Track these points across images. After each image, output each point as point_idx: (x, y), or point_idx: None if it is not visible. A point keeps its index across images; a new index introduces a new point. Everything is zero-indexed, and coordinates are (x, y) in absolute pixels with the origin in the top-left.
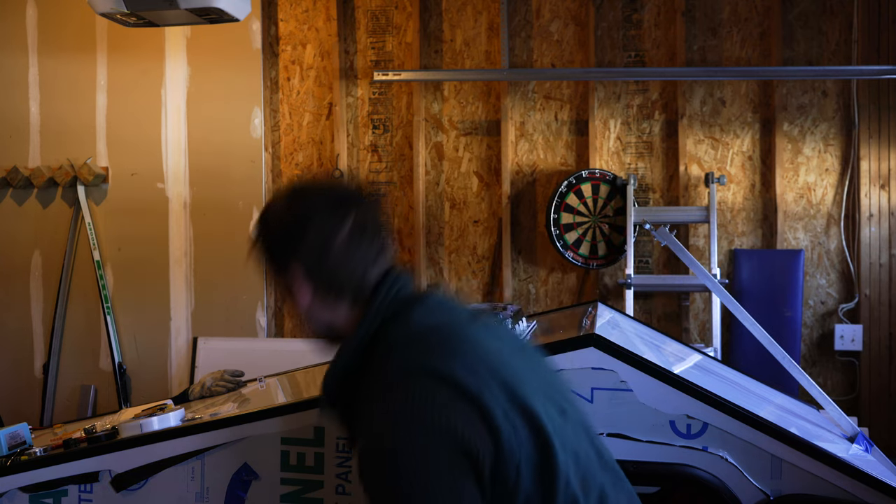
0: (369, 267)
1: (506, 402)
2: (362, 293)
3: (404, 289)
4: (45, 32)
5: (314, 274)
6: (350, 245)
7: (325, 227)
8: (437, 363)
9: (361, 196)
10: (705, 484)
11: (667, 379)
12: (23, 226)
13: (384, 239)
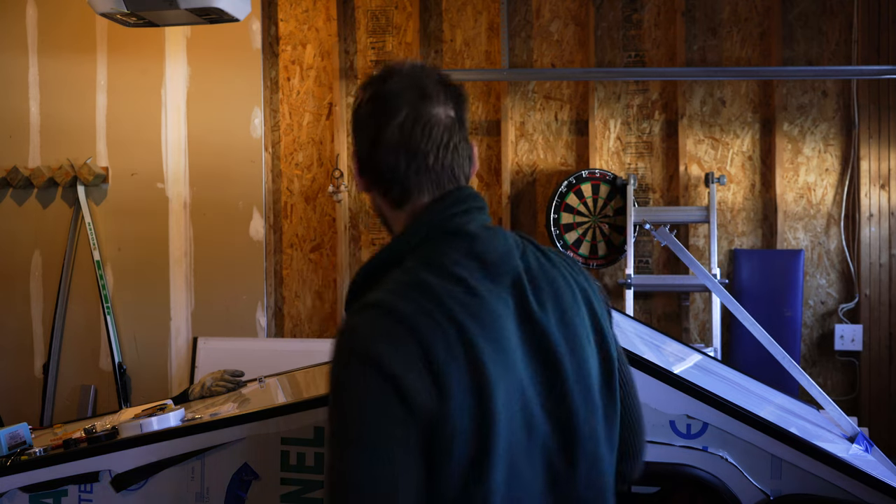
0: (426, 175)
1: (467, 380)
2: (413, 203)
3: (462, 219)
4: (45, 32)
5: (364, 165)
6: (401, 143)
7: (381, 117)
8: (405, 306)
9: (440, 88)
10: (705, 484)
11: (667, 379)
12: (23, 226)
13: (456, 147)
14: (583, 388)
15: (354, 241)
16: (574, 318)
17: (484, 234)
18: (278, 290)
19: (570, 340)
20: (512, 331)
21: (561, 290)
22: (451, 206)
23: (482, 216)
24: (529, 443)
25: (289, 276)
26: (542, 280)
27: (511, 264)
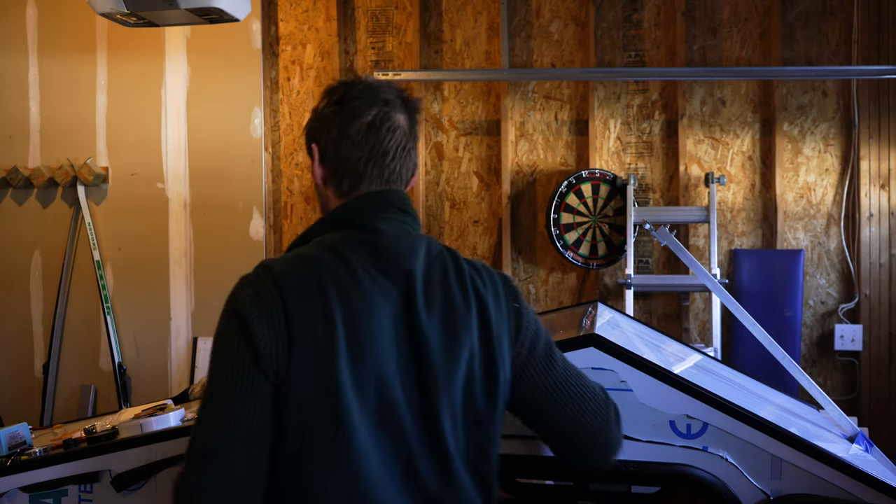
0: (378, 171)
1: (316, 352)
2: (355, 194)
3: (377, 215)
4: (45, 32)
5: (325, 157)
6: (367, 140)
7: (350, 115)
8: (283, 268)
9: (400, 98)
10: (705, 484)
11: (667, 379)
12: (23, 226)
13: (409, 152)
14: (449, 392)
15: None
16: (460, 330)
17: (391, 234)
18: None
19: (449, 347)
20: (387, 323)
21: (455, 301)
22: (372, 202)
23: (403, 218)
24: (382, 428)
25: None
26: (437, 288)
27: (408, 266)
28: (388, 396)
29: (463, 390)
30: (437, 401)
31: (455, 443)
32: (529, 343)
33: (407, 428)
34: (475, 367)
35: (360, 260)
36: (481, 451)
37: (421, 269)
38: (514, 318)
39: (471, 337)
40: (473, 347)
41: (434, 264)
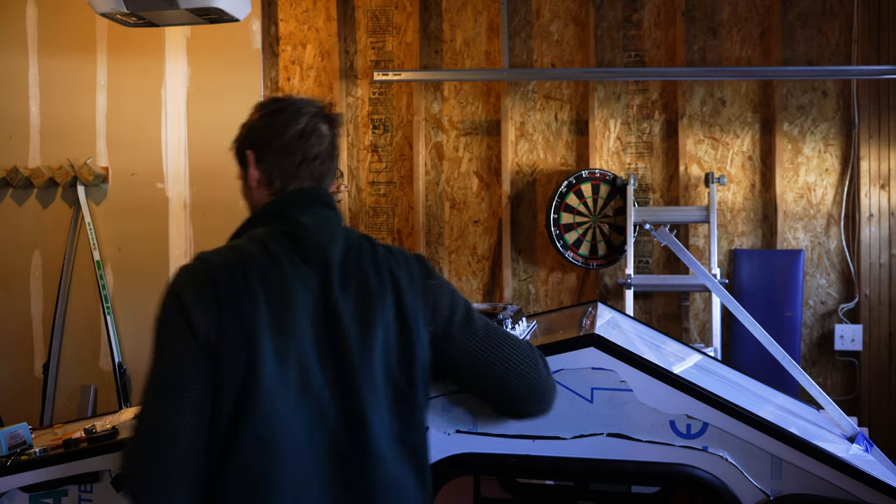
0: (307, 173)
1: (240, 333)
2: (283, 192)
3: (300, 210)
4: (45, 32)
5: (261, 160)
6: (298, 145)
7: (284, 124)
8: (215, 259)
9: (324, 113)
10: (705, 484)
11: (667, 379)
12: (23, 226)
13: (333, 159)
14: (367, 366)
15: None
16: (375, 309)
17: (312, 226)
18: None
19: (363, 325)
20: (306, 304)
21: (369, 283)
22: (298, 198)
23: (325, 212)
24: (302, 399)
25: None
26: (353, 272)
27: (326, 253)
28: (307, 371)
29: (382, 364)
30: (354, 375)
31: (377, 415)
32: (447, 314)
33: (325, 400)
34: (391, 342)
35: (284, 249)
36: (407, 422)
37: (338, 255)
38: (429, 294)
39: (385, 314)
40: (388, 324)
41: (351, 251)
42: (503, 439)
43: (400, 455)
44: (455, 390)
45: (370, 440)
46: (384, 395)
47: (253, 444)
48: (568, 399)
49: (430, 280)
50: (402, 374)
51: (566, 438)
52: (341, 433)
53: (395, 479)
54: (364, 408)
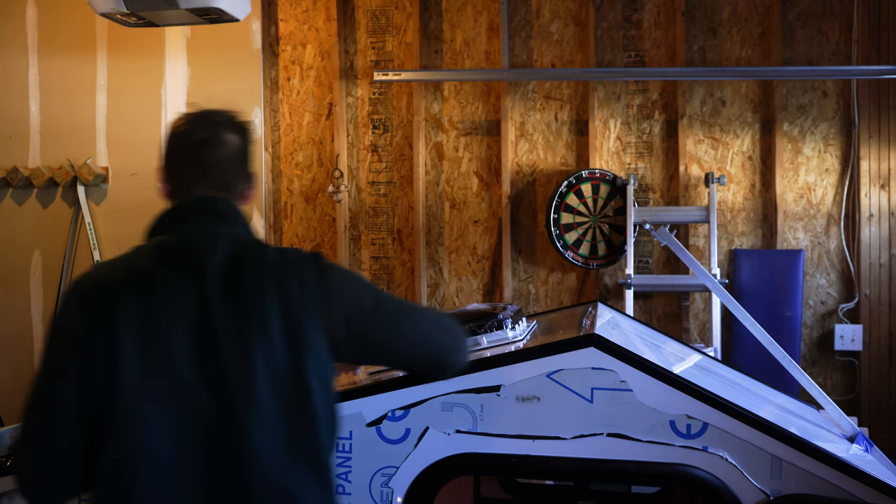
0: (202, 182)
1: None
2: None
3: (184, 221)
4: (45, 32)
5: (165, 174)
6: (193, 157)
7: (183, 138)
8: (99, 271)
9: (231, 121)
10: (705, 484)
11: (667, 379)
12: (23, 226)
13: (238, 166)
14: (249, 375)
15: (354, 241)
16: (256, 318)
17: (191, 236)
18: None
19: (243, 336)
20: (181, 316)
21: (251, 292)
22: (182, 209)
23: (212, 220)
24: (173, 414)
25: None
26: (234, 281)
27: (203, 263)
28: (180, 385)
29: (266, 373)
30: (231, 386)
31: (260, 425)
32: (351, 307)
33: (200, 413)
34: (277, 351)
35: (161, 261)
36: (303, 430)
37: (218, 265)
38: (323, 295)
39: (267, 322)
40: (272, 332)
41: (235, 260)
42: (503, 439)
43: (294, 465)
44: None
45: (251, 451)
46: (272, 404)
47: (115, 460)
48: (568, 399)
49: (325, 280)
50: (293, 381)
51: (566, 438)
52: (219, 446)
53: (286, 490)
54: (244, 418)
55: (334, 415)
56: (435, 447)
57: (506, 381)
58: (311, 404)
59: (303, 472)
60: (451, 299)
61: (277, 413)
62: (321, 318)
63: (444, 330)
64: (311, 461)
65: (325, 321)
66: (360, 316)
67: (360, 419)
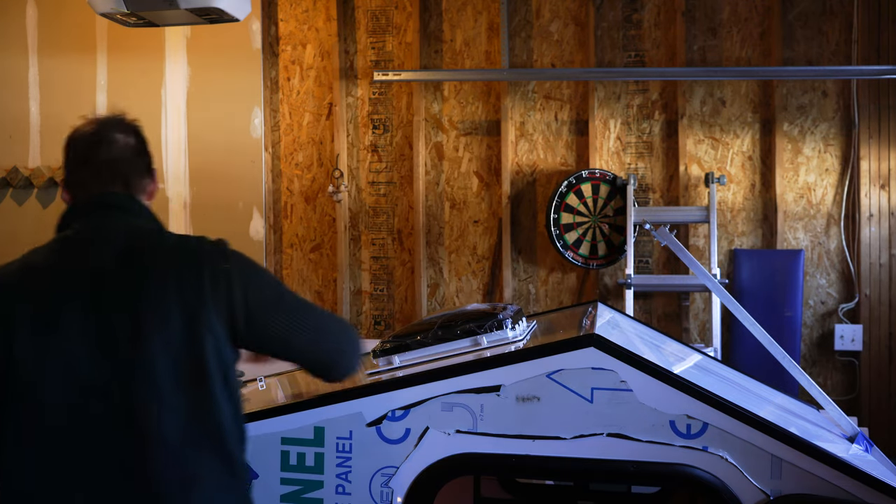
0: (96, 180)
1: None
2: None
3: (80, 217)
4: (45, 32)
5: (66, 180)
6: (84, 158)
7: (77, 142)
8: (2, 269)
9: (123, 124)
10: (705, 484)
11: (667, 379)
12: (23, 226)
13: (130, 162)
14: (147, 363)
15: (354, 241)
16: (151, 303)
17: (81, 231)
18: None
19: (139, 322)
20: (73, 310)
21: (147, 279)
22: (76, 208)
23: (105, 214)
24: (70, 403)
25: (289, 275)
26: (129, 271)
27: (97, 256)
28: (76, 375)
29: (164, 356)
30: (132, 375)
31: (159, 406)
32: (250, 295)
33: (97, 399)
34: (174, 334)
35: (58, 257)
36: (203, 410)
37: (115, 251)
38: (221, 279)
39: (164, 307)
40: (169, 316)
41: (132, 246)
42: (503, 439)
43: (195, 445)
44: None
45: (151, 429)
46: (170, 382)
47: (14, 441)
48: (568, 399)
49: (225, 265)
50: (190, 359)
51: (566, 438)
52: (118, 426)
53: (186, 467)
54: (142, 401)
55: (236, 401)
56: (435, 447)
57: (506, 381)
58: (209, 383)
59: (205, 453)
60: (451, 299)
61: (176, 390)
62: (220, 301)
63: (339, 332)
64: (214, 442)
65: (224, 306)
66: (260, 306)
67: (360, 419)
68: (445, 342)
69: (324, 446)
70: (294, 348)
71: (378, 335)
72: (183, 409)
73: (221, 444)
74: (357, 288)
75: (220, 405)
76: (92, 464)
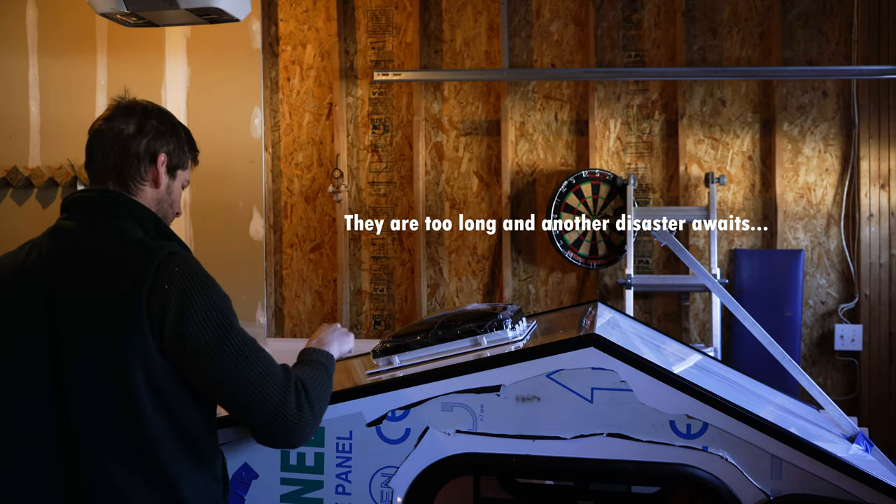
0: (93, 172)
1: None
2: None
3: (63, 215)
4: (45, 32)
5: None
6: (88, 148)
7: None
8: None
9: (128, 109)
10: (705, 484)
11: (667, 379)
12: (23, 226)
13: (126, 150)
14: (81, 385)
15: (354, 241)
16: (85, 316)
17: (46, 235)
18: (278, 290)
19: (74, 340)
20: (23, 316)
21: (86, 289)
22: (64, 203)
23: (74, 215)
24: (29, 404)
25: (289, 276)
26: (73, 277)
27: (47, 262)
28: (22, 395)
29: (98, 368)
30: (72, 393)
31: (92, 424)
32: (179, 328)
33: (35, 409)
34: (109, 357)
35: (19, 259)
36: (134, 431)
37: (61, 261)
38: (159, 299)
39: (99, 321)
40: (104, 330)
41: (78, 255)
42: (503, 439)
43: (124, 462)
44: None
45: (84, 450)
46: (106, 402)
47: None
48: (568, 399)
49: (166, 285)
50: (122, 390)
51: (566, 438)
52: (52, 446)
53: (113, 487)
54: (82, 436)
55: (172, 415)
56: (435, 447)
57: (506, 381)
58: (140, 405)
59: (135, 470)
60: (451, 299)
61: (112, 412)
62: (154, 322)
63: (283, 402)
64: (145, 459)
65: (158, 326)
66: (187, 340)
67: (360, 419)
68: (445, 342)
69: (324, 446)
70: (220, 399)
71: (378, 335)
72: (119, 432)
73: (151, 464)
74: (357, 288)
75: (151, 431)
76: (29, 489)
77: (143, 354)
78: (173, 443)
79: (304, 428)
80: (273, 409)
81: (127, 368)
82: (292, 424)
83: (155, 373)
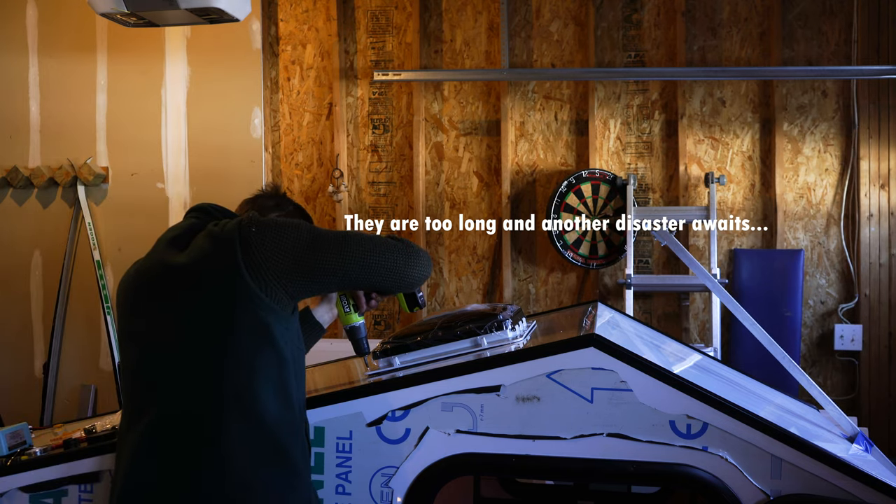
0: None
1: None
2: None
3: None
4: (45, 32)
5: None
6: None
7: None
8: None
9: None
10: (705, 484)
11: (667, 379)
12: (23, 226)
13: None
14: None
15: None
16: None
17: (173, 228)
18: None
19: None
20: (147, 292)
21: (179, 260)
22: (188, 210)
23: (196, 216)
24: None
25: None
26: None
27: (169, 251)
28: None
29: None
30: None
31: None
32: (284, 248)
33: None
34: (203, 311)
35: (154, 250)
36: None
37: (176, 256)
38: (252, 243)
39: (178, 302)
40: (199, 294)
41: (180, 241)
42: (503, 439)
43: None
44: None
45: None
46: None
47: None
48: (568, 399)
49: (252, 229)
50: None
51: (566, 438)
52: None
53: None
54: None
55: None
56: (435, 447)
57: (506, 381)
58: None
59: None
60: (451, 299)
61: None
62: (254, 265)
63: (390, 251)
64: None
65: (259, 267)
66: (295, 254)
67: (360, 419)
68: (445, 343)
69: (324, 446)
70: (351, 281)
71: (378, 335)
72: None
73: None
74: None
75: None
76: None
77: (244, 296)
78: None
79: (415, 257)
80: (396, 261)
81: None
82: (411, 261)
83: (236, 318)
